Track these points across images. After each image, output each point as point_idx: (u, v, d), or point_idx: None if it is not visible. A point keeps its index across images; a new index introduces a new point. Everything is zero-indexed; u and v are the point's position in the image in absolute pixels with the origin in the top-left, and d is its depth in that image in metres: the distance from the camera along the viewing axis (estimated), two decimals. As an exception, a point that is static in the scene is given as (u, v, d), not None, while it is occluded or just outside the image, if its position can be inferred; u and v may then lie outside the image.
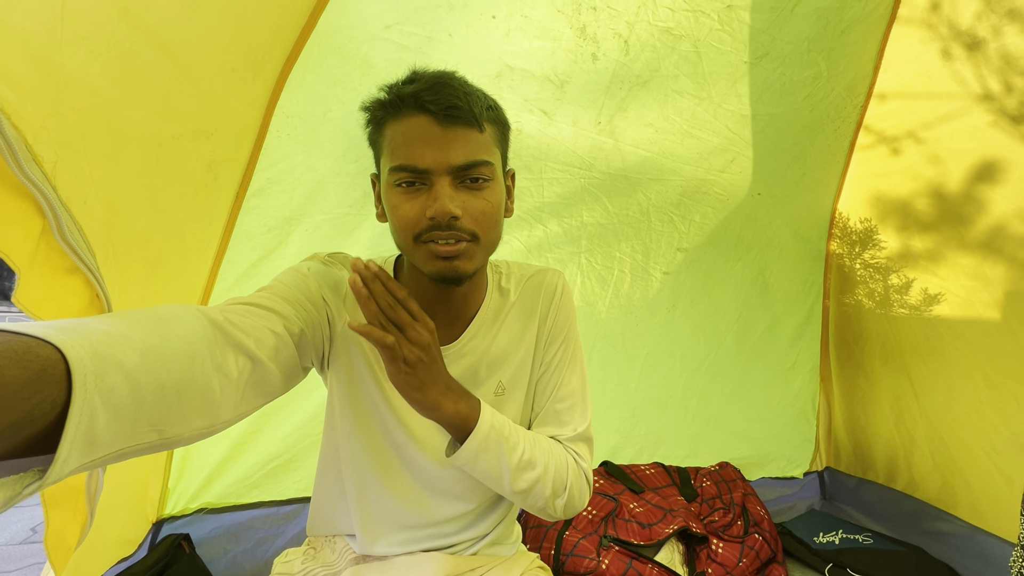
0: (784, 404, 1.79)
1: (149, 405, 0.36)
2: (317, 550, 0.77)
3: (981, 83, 1.11)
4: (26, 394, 0.28)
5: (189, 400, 0.40)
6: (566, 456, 0.69)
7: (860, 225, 1.57)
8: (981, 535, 1.32)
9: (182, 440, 0.42)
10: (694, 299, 1.62)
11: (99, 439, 0.32)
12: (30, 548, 1.72)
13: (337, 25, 1.03)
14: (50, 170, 0.52)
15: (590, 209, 1.43)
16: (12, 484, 0.30)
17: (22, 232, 0.51)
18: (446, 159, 0.58)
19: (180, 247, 0.94)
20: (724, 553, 1.37)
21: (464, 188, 0.59)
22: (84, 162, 0.58)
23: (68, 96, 0.53)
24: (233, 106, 0.93)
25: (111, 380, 0.32)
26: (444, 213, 0.57)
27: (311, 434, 1.31)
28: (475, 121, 0.58)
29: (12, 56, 0.46)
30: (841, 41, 1.25)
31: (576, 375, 0.75)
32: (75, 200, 0.56)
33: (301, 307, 0.60)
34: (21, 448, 0.30)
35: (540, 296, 0.74)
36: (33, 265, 0.52)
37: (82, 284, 0.60)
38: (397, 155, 0.59)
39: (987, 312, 1.25)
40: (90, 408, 0.31)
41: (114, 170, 0.65)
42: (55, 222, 0.53)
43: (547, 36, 1.15)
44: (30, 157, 0.48)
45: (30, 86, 0.48)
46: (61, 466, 0.30)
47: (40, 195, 0.50)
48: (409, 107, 0.58)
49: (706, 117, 1.33)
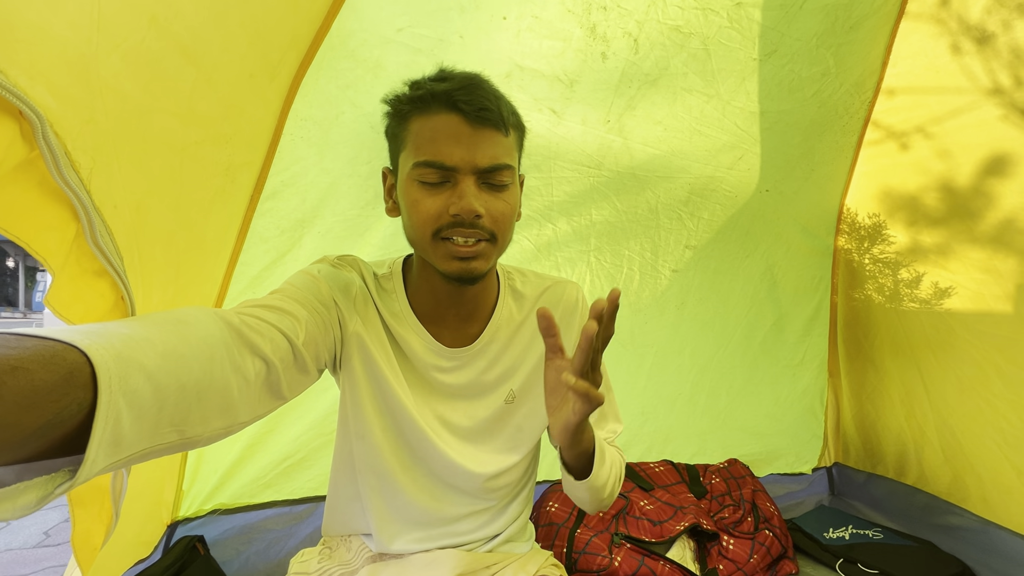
0: (792, 400, 1.79)
1: (171, 406, 0.37)
2: (333, 549, 0.78)
3: (991, 77, 1.12)
4: (54, 397, 0.29)
5: (208, 401, 0.41)
6: (617, 453, 0.73)
7: (869, 220, 1.57)
8: (993, 528, 1.32)
9: (201, 440, 0.43)
10: (703, 296, 1.63)
11: (124, 440, 0.33)
12: (44, 552, 1.72)
13: (350, 29, 1.04)
14: (86, 176, 0.53)
15: (599, 207, 1.44)
16: (44, 484, 0.31)
17: (58, 237, 0.52)
18: (473, 159, 0.58)
19: (201, 250, 0.95)
20: (735, 549, 1.38)
21: (486, 189, 0.60)
22: (116, 167, 0.58)
23: (102, 103, 0.53)
24: (250, 111, 0.94)
25: (134, 382, 0.33)
26: (470, 211, 0.58)
27: (323, 433, 1.31)
28: (503, 124, 0.59)
29: (53, 64, 0.46)
30: (850, 37, 1.25)
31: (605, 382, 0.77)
32: (107, 205, 0.57)
33: (313, 309, 0.61)
34: (50, 450, 0.31)
35: (560, 308, 0.75)
36: (65, 268, 0.53)
37: (109, 287, 0.61)
38: (423, 151, 0.59)
39: (999, 305, 1.25)
40: (115, 410, 0.32)
41: (142, 175, 0.66)
42: (88, 227, 0.54)
43: (557, 36, 1.15)
44: (68, 164, 0.49)
45: (69, 94, 0.49)
46: (90, 466, 0.31)
47: (77, 201, 0.51)
48: (440, 104, 0.59)
49: (715, 115, 1.33)
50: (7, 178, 0.44)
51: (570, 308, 0.75)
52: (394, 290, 0.70)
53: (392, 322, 0.69)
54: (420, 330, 0.69)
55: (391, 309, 0.69)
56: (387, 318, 0.69)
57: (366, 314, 0.68)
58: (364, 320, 0.67)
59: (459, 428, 0.72)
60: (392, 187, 0.67)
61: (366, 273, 0.70)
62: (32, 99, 0.43)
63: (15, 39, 0.42)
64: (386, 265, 0.73)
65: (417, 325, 0.69)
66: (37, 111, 0.44)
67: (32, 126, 0.44)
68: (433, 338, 0.69)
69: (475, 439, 0.73)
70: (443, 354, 0.70)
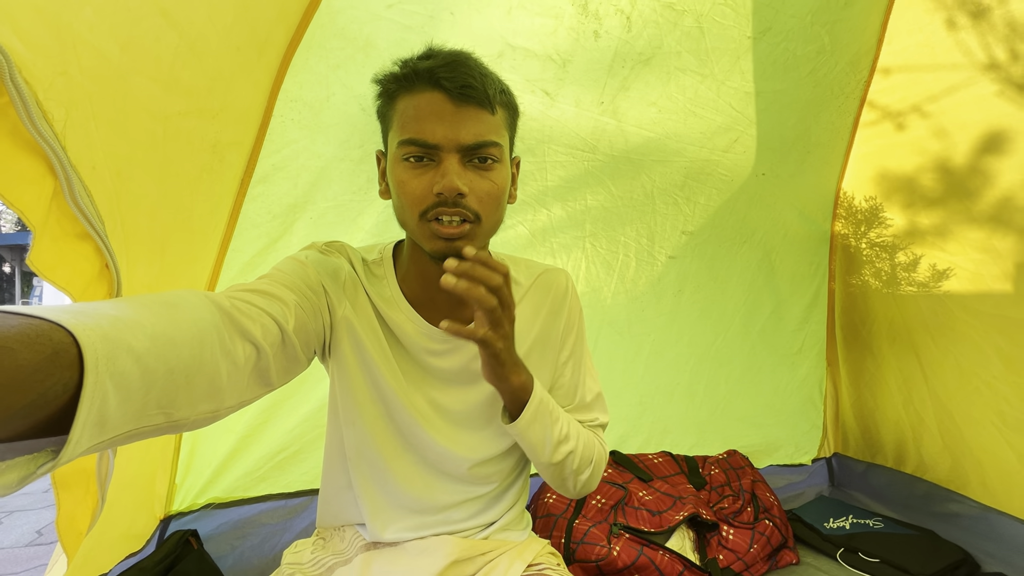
0: (791, 390, 1.77)
1: (158, 388, 0.37)
2: (327, 540, 0.77)
3: (987, 52, 1.11)
4: (39, 376, 0.28)
5: (197, 384, 0.41)
6: (593, 436, 0.74)
7: (865, 204, 1.56)
8: (993, 514, 1.31)
9: (187, 423, 0.42)
10: (700, 283, 1.61)
11: (109, 421, 0.33)
12: (36, 550, 1.69)
13: (340, 6, 1.02)
14: (60, 129, 0.51)
15: (594, 192, 1.42)
16: (26, 464, 0.31)
17: (35, 191, 0.50)
18: (456, 136, 0.58)
19: (188, 229, 0.93)
20: (735, 539, 1.36)
21: (472, 167, 0.60)
22: (93, 126, 0.57)
23: (75, 56, 0.52)
24: (238, 87, 0.92)
25: (122, 364, 0.33)
26: (451, 189, 0.57)
27: (318, 425, 1.29)
28: (488, 102, 0.58)
29: (20, 7, 0.45)
30: (845, 14, 1.24)
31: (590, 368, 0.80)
32: (84, 164, 0.55)
33: (302, 295, 0.60)
34: (34, 430, 0.30)
35: (550, 295, 0.76)
36: (46, 228, 0.52)
37: (93, 251, 0.60)
38: (407, 128, 0.59)
39: (998, 284, 1.24)
40: (101, 391, 0.32)
41: (121, 139, 0.64)
42: (66, 184, 0.52)
43: (549, 14, 1.14)
44: (40, 114, 0.47)
45: (39, 41, 0.47)
46: (73, 447, 0.31)
47: (52, 153, 0.49)
48: (423, 82, 0.58)
49: (709, 95, 1.32)
50: None
51: (560, 295, 0.76)
52: (384, 275, 0.70)
53: (383, 307, 0.68)
54: (412, 314, 0.68)
55: (382, 294, 0.69)
56: (378, 303, 0.68)
57: (355, 300, 0.67)
58: (353, 306, 0.67)
59: (451, 413, 0.71)
60: (384, 169, 0.66)
61: (354, 259, 0.70)
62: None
63: None
64: (376, 251, 0.73)
65: (409, 309, 0.68)
66: (3, 50, 0.42)
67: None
68: (425, 321, 0.68)
69: (467, 424, 0.72)
70: (435, 337, 0.69)
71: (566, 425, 0.69)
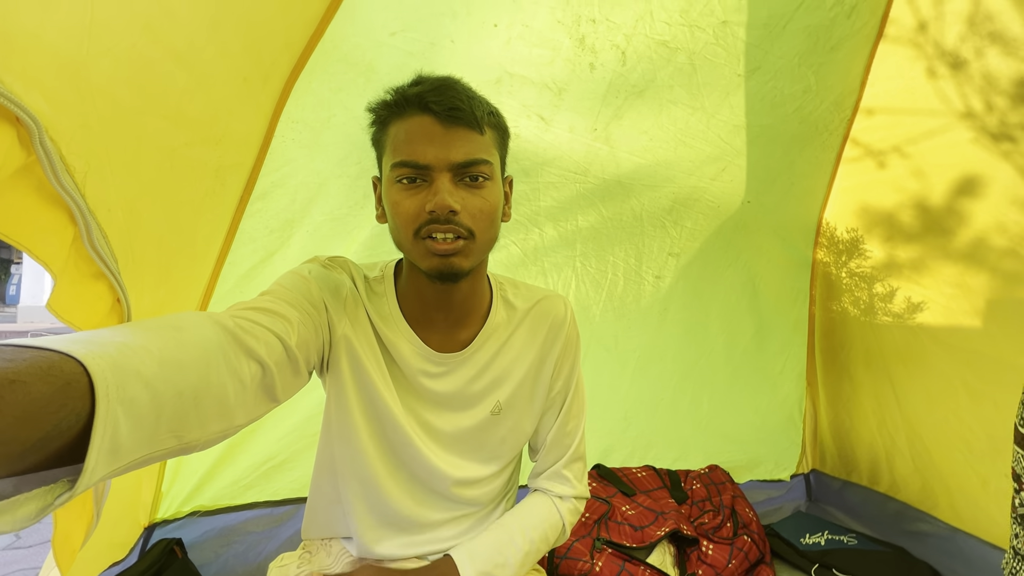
0: (773, 408, 1.82)
1: (168, 412, 0.37)
2: (312, 553, 0.77)
3: (964, 101, 1.16)
4: (52, 408, 0.29)
5: (206, 406, 0.41)
6: (554, 519, 0.77)
7: (847, 235, 1.61)
8: (961, 536, 1.36)
9: (199, 445, 0.43)
10: (685, 303, 1.65)
11: (122, 448, 0.33)
12: (14, 554, 1.68)
13: (344, 33, 1.05)
14: (80, 180, 0.53)
15: (585, 214, 1.46)
16: (43, 495, 0.31)
17: (57, 240, 0.53)
18: (447, 156, 0.59)
19: (191, 252, 0.96)
20: (714, 555, 1.40)
21: (463, 186, 0.61)
22: (108, 171, 0.59)
23: (94, 107, 0.54)
24: (241, 113, 0.94)
25: (132, 390, 0.33)
26: (443, 206, 0.58)
27: (306, 435, 1.30)
28: (476, 123, 0.60)
29: (46, 70, 0.47)
30: (830, 57, 1.29)
31: (581, 401, 0.80)
32: (101, 208, 0.58)
33: (304, 311, 0.61)
34: (48, 461, 0.31)
35: (548, 322, 0.76)
36: (65, 272, 0.54)
37: (106, 289, 0.62)
38: (399, 151, 0.60)
39: (968, 320, 1.29)
40: (113, 419, 0.32)
41: (134, 177, 0.66)
42: (85, 230, 0.55)
43: (546, 45, 1.17)
44: (64, 168, 0.50)
45: (62, 99, 0.50)
46: (89, 475, 0.31)
47: (73, 205, 0.52)
48: (413, 107, 0.60)
49: (699, 127, 1.36)
50: (6, 184, 0.45)
51: (558, 323, 0.76)
52: (384, 293, 0.70)
53: (381, 325, 0.69)
54: (409, 334, 0.69)
55: (380, 312, 0.69)
56: (376, 321, 0.69)
57: (355, 317, 0.68)
58: (353, 323, 0.67)
59: (442, 434, 0.72)
60: (380, 195, 0.67)
61: (356, 275, 0.70)
62: (28, 105, 0.44)
63: (10, 46, 0.42)
64: (378, 268, 0.73)
65: (406, 329, 0.69)
66: (34, 116, 0.45)
67: (29, 132, 0.45)
68: (422, 342, 0.69)
69: (455, 447, 0.73)
70: (431, 359, 0.70)
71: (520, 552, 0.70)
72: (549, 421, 0.79)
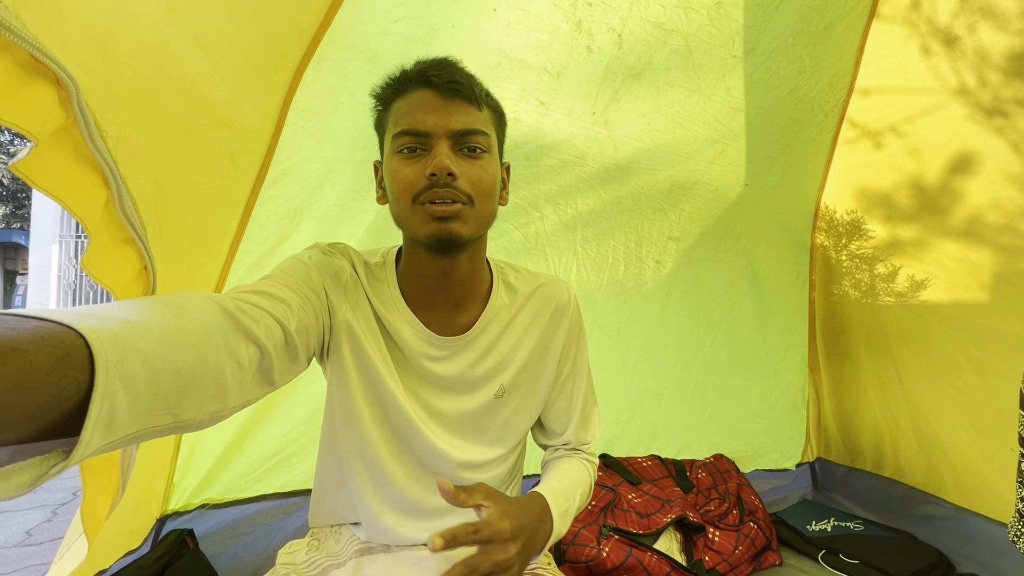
0: (776, 396, 1.82)
1: (166, 389, 0.38)
2: (321, 541, 0.77)
3: (957, 78, 1.17)
4: (52, 378, 0.29)
5: (203, 385, 0.42)
6: (589, 479, 0.78)
7: (846, 216, 1.62)
8: (967, 516, 1.36)
9: (193, 424, 0.43)
10: (687, 288, 1.66)
11: (118, 422, 0.34)
12: (25, 551, 1.66)
13: (351, 21, 1.07)
14: (112, 145, 0.55)
15: (585, 198, 1.47)
16: (38, 465, 0.32)
17: (91, 201, 0.54)
18: (446, 123, 0.61)
19: (209, 233, 0.97)
20: (720, 541, 1.39)
21: (462, 155, 0.63)
22: (136, 142, 0.61)
23: (120, 79, 0.56)
24: (254, 99, 0.96)
25: (131, 365, 0.34)
26: (442, 168, 0.59)
27: (313, 428, 1.30)
28: (475, 98, 0.63)
29: (77, 38, 0.49)
30: (824, 37, 1.30)
31: (591, 383, 0.82)
32: (130, 176, 0.60)
33: (304, 296, 0.61)
34: (45, 431, 0.31)
35: (550, 306, 0.76)
36: (98, 233, 0.56)
37: (135, 255, 0.64)
38: (401, 122, 0.62)
39: (972, 294, 1.30)
40: (111, 392, 0.32)
41: (157, 152, 0.68)
42: (117, 194, 0.56)
43: (544, 29, 1.19)
44: (98, 132, 0.52)
45: (93, 67, 0.51)
46: (84, 447, 0.32)
47: (107, 167, 0.54)
48: (414, 83, 0.63)
49: (696, 109, 1.38)
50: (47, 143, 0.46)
51: (562, 307, 0.76)
52: (386, 278, 0.71)
53: (382, 310, 0.69)
54: (411, 318, 0.69)
55: (382, 297, 0.70)
56: (377, 306, 0.69)
57: (356, 302, 0.68)
58: (354, 308, 0.67)
59: (446, 417, 0.72)
60: (381, 177, 0.68)
61: (357, 261, 0.71)
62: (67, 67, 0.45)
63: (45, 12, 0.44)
64: (379, 254, 0.74)
65: (408, 313, 0.69)
66: (73, 78, 0.46)
67: (68, 93, 0.46)
68: (424, 326, 0.70)
69: (459, 430, 0.73)
70: (433, 342, 0.70)
71: (576, 500, 0.71)
72: (563, 407, 0.80)
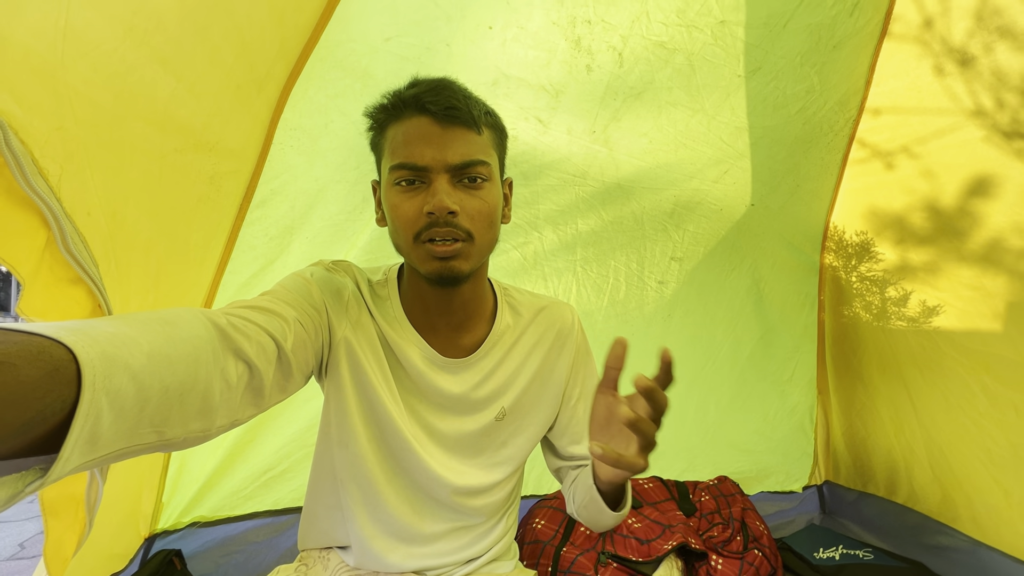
0: (782, 417, 1.77)
1: (152, 407, 0.37)
2: (309, 566, 0.76)
3: (973, 99, 1.13)
4: (39, 393, 0.28)
5: (190, 403, 0.41)
6: None
7: (856, 238, 1.57)
8: (983, 550, 1.30)
9: (177, 442, 0.42)
10: (690, 309, 1.62)
11: (101, 439, 0.33)
12: (18, 564, 1.68)
13: (339, 39, 1.05)
14: (55, 183, 0.53)
15: (585, 218, 1.44)
16: (14, 482, 0.31)
17: (27, 244, 0.52)
18: (444, 157, 0.59)
19: (183, 258, 0.95)
20: (723, 569, 1.35)
21: (462, 187, 0.61)
22: (88, 174, 0.59)
23: (71, 110, 0.54)
24: (236, 121, 0.95)
25: (118, 381, 0.33)
26: (441, 208, 0.58)
27: (305, 445, 1.29)
28: (473, 123, 0.60)
29: (17, 71, 0.47)
30: (833, 56, 1.26)
31: None
32: (79, 212, 0.58)
33: (304, 312, 0.60)
34: (28, 448, 0.30)
35: (555, 330, 0.75)
36: (37, 276, 0.54)
37: (85, 294, 0.61)
38: (397, 154, 0.60)
39: (986, 323, 1.25)
40: (96, 408, 0.31)
41: (117, 182, 0.66)
42: (59, 234, 0.54)
43: (542, 47, 1.16)
44: (36, 171, 0.50)
45: (35, 101, 0.49)
46: (63, 464, 0.31)
47: (45, 207, 0.51)
48: (410, 109, 0.60)
49: (700, 129, 1.34)
50: None
51: (566, 330, 0.75)
52: (389, 297, 0.70)
53: (387, 329, 0.68)
54: (415, 337, 0.68)
55: (386, 316, 0.69)
56: (382, 325, 0.68)
57: (358, 320, 0.67)
58: (355, 326, 0.67)
59: (444, 438, 0.71)
60: (380, 198, 0.67)
61: (360, 279, 0.70)
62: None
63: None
64: (381, 272, 0.73)
65: (413, 333, 0.69)
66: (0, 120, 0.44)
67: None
68: (428, 345, 0.69)
69: (458, 451, 0.72)
70: (437, 362, 0.69)
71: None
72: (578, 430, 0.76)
